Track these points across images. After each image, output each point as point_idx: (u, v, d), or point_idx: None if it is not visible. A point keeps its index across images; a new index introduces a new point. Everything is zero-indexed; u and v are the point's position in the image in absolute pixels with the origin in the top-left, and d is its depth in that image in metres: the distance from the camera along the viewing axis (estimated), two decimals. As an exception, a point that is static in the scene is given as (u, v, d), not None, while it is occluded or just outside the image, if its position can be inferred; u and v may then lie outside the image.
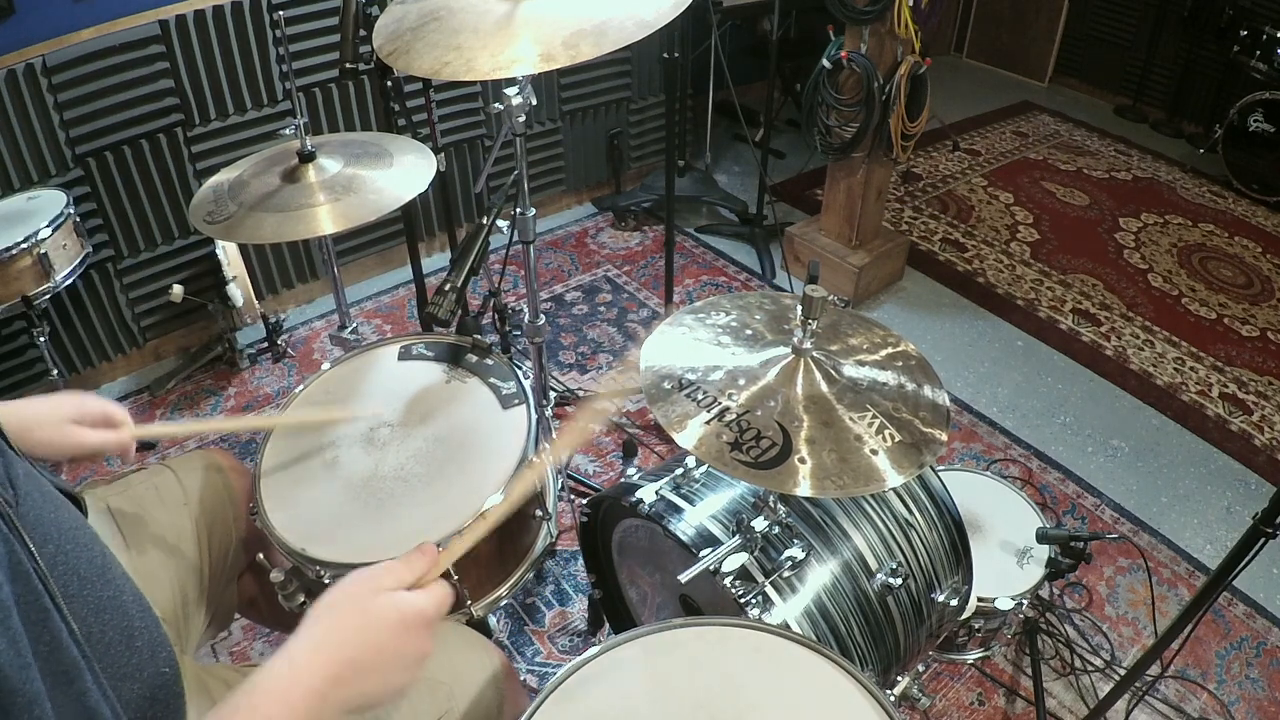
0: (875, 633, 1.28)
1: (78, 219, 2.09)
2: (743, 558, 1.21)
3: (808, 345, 1.12)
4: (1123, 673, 1.47)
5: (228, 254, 2.50)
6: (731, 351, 1.17)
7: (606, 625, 1.71)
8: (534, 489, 1.33)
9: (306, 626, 0.70)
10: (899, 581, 1.28)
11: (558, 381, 2.55)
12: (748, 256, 3.23)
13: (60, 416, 0.99)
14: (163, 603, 1.09)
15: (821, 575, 1.26)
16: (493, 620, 1.77)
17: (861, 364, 1.16)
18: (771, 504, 1.20)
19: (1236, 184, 3.66)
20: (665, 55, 2.27)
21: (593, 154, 3.41)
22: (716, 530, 1.26)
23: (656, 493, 1.31)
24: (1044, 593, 1.89)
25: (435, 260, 3.10)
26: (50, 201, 2.05)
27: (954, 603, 1.40)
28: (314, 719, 0.65)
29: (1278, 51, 3.45)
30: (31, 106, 2.14)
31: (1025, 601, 1.64)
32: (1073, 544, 1.62)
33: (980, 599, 1.59)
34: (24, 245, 1.91)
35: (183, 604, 1.13)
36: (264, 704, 0.64)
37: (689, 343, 1.19)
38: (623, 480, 1.47)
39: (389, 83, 1.77)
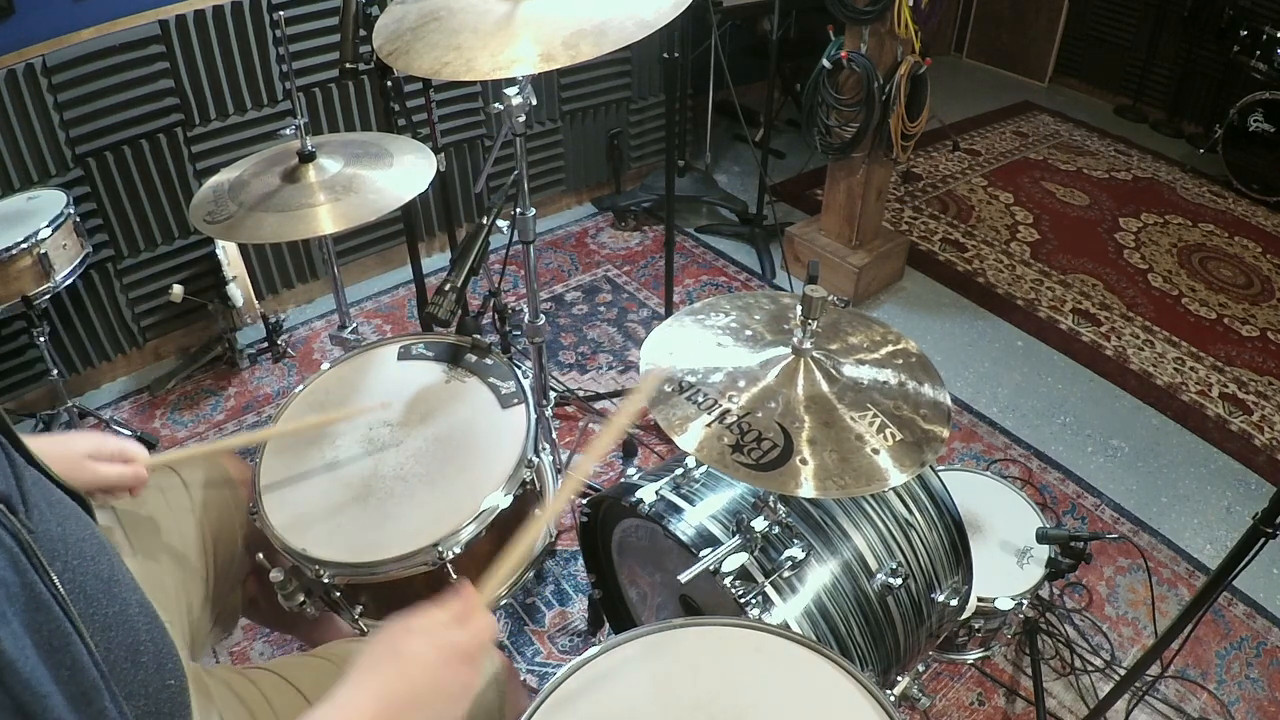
0: (875, 633, 1.28)
1: (78, 219, 2.09)
2: (743, 558, 1.21)
3: (808, 345, 1.13)
4: (1123, 673, 1.47)
5: (228, 254, 2.50)
6: (731, 352, 1.17)
7: (606, 625, 1.71)
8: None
9: (349, 674, 0.72)
10: (899, 581, 1.28)
11: (558, 381, 2.55)
12: (748, 256, 3.23)
13: (78, 453, 1.02)
14: (169, 608, 1.09)
15: (821, 575, 1.26)
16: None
17: (862, 363, 1.16)
18: (771, 504, 1.20)
19: (1236, 184, 3.66)
20: (665, 55, 2.27)
21: (593, 154, 3.41)
22: (716, 530, 1.26)
23: (656, 493, 1.31)
24: (1044, 593, 1.89)
25: (435, 260, 3.10)
26: (50, 201, 2.05)
27: (954, 603, 1.40)
28: None
29: (1278, 51, 3.45)
30: (31, 106, 2.14)
31: (1025, 601, 1.64)
32: (1073, 544, 1.62)
33: (980, 599, 1.59)
34: (24, 245, 1.91)
35: (189, 608, 1.13)
36: None
37: (689, 343, 1.19)
38: (623, 480, 1.47)
39: (389, 83, 1.77)
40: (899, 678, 1.39)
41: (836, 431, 1.05)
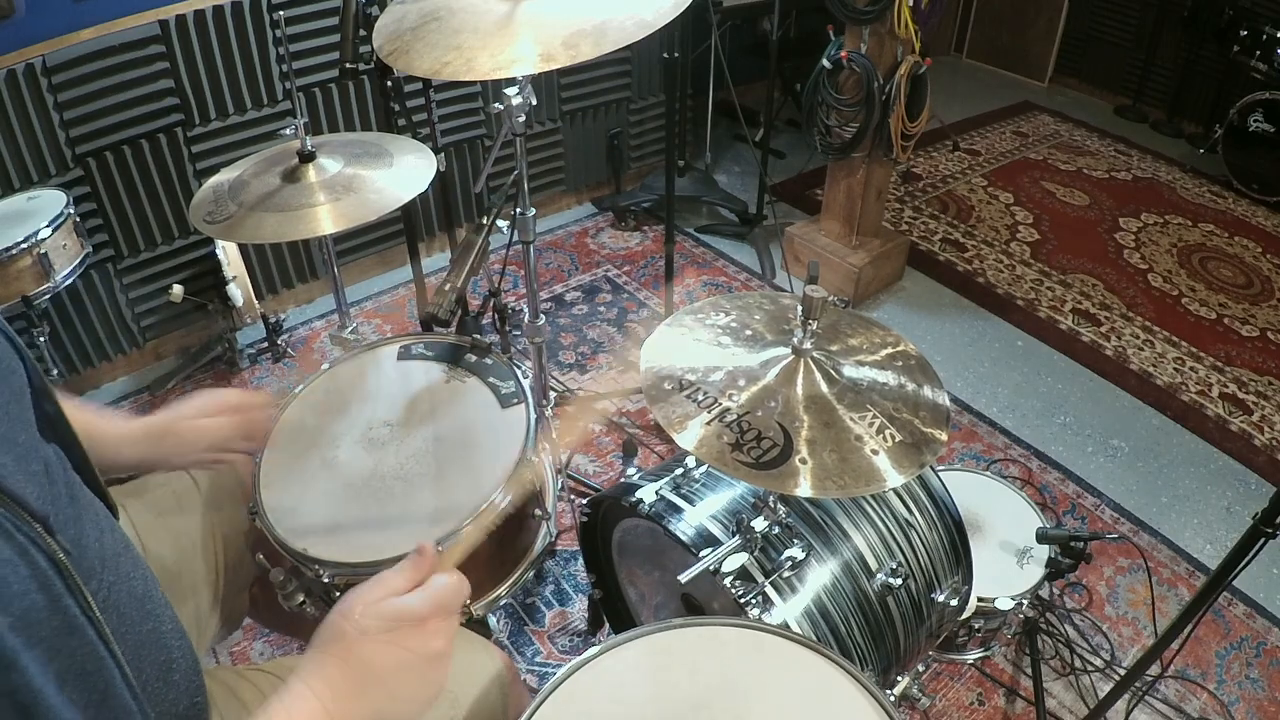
0: (875, 633, 1.28)
1: (78, 219, 2.09)
2: (743, 558, 1.21)
3: (808, 345, 1.13)
4: (1123, 673, 1.47)
5: (228, 254, 2.50)
6: (731, 352, 1.17)
7: (606, 625, 1.71)
8: (532, 487, 1.34)
9: (303, 659, 0.70)
10: (899, 581, 1.28)
11: (558, 381, 2.55)
12: (748, 256, 3.23)
13: (186, 417, 1.03)
14: (178, 609, 1.09)
15: (821, 575, 1.26)
16: (492, 620, 1.77)
17: (861, 364, 1.16)
18: (771, 504, 1.20)
19: (1236, 184, 3.66)
20: (665, 55, 2.27)
21: (593, 154, 3.41)
22: (716, 530, 1.26)
23: (656, 493, 1.31)
24: (1044, 593, 1.89)
25: (435, 260, 3.10)
26: (50, 201, 2.05)
27: (954, 603, 1.40)
28: None
29: (1278, 51, 3.45)
30: (31, 106, 2.14)
31: (1025, 601, 1.64)
32: (1073, 544, 1.62)
33: (980, 599, 1.59)
34: (24, 245, 1.91)
35: (195, 610, 1.13)
36: None
37: (689, 343, 1.19)
38: (623, 480, 1.47)
39: (389, 83, 1.77)
40: (899, 678, 1.39)
41: (836, 432, 1.04)
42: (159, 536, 1.12)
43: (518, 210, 1.60)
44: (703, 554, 1.19)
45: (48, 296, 2.00)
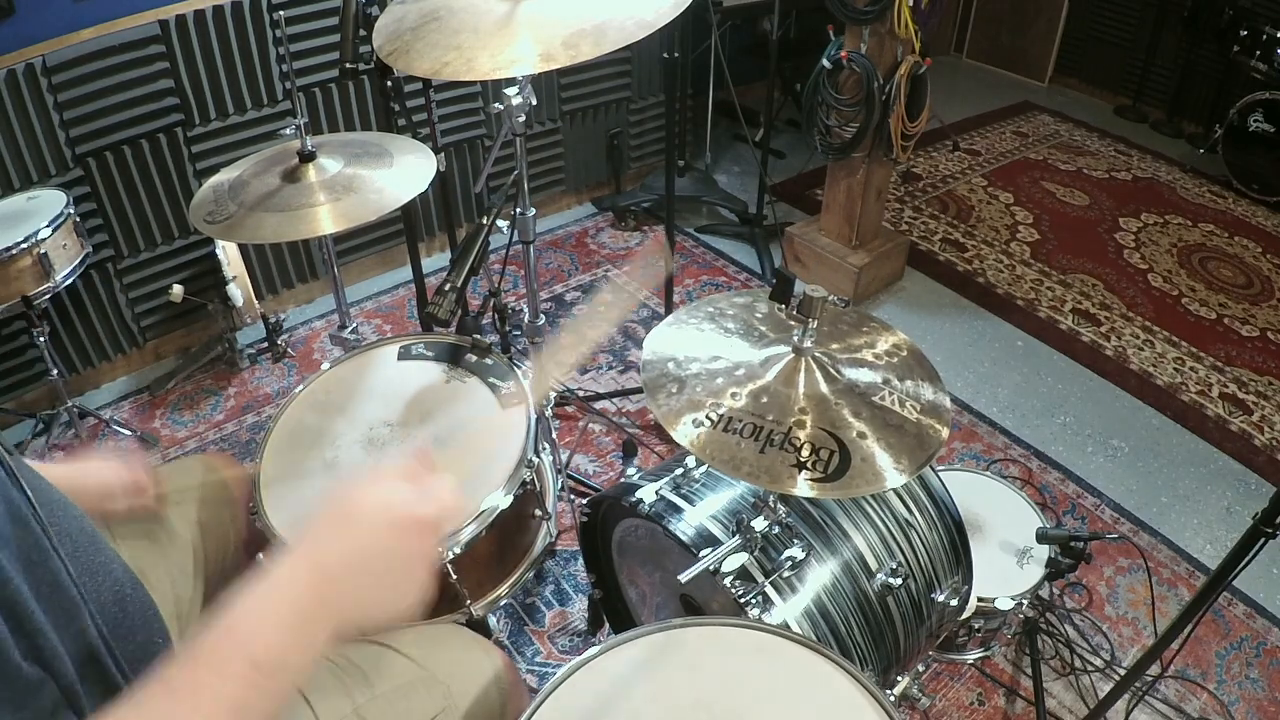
0: (875, 633, 1.28)
1: (78, 219, 2.09)
2: (743, 558, 1.21)
3: (808, 344, 1.13)
4: (1123, 673, 1.47)
5: (228, 254, 2.50)
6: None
7: (606, 625, 1.71)
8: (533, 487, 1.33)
9: (302, 538, 0.68)
10: (899, 581, 1.28)
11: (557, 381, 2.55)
12: (748, 256, 3.23)
13: (89, 499, 0.99)
14: (155, 596, 1.09)
15: (821, 575, 1.26)
16: (492, 620, 1.76)
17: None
18: (771, 504, 1.20)
19: (1236, 184, 3.66)
20: (665, 55, 2.27)
21: (593, 154, 3.41)
22: (716, 530, 1.26)
23: (656, 493, 1.31)
24: (1044, 593, 1.88)
25: (435, 260, 3.10)
26: (50, 201, 2.05)
27: (954, 603, 1.40)
28: (301, 632, 0.62)
29: (1278, 51, 3.45)
30: (31, 106, 2.14)
31: (1025, 601, 1.64)
32: (1073, 544, 1.62)
33: (980, 599, 1.59)
34: (24, 245, 1.91)
35: (176, 605, 1.13)
36: (241, 625, 0.61)
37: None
38: (623, 480, 1.47)
39: (389, 83, 1.77)
40: (899, 678, 1.39)
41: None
42: (135, 533, 1.11)
43: (518, 210, 1.60)
44: (703, 554, 1.19)
45: (48, 296, 2.00)
